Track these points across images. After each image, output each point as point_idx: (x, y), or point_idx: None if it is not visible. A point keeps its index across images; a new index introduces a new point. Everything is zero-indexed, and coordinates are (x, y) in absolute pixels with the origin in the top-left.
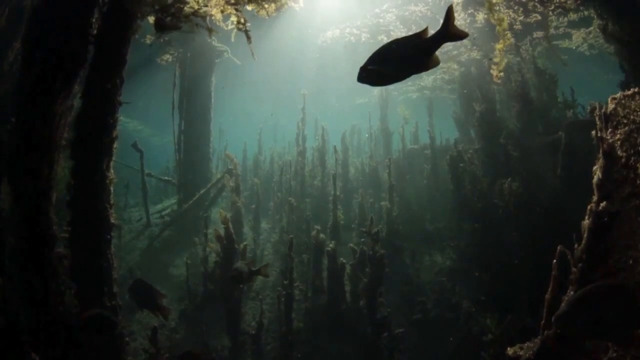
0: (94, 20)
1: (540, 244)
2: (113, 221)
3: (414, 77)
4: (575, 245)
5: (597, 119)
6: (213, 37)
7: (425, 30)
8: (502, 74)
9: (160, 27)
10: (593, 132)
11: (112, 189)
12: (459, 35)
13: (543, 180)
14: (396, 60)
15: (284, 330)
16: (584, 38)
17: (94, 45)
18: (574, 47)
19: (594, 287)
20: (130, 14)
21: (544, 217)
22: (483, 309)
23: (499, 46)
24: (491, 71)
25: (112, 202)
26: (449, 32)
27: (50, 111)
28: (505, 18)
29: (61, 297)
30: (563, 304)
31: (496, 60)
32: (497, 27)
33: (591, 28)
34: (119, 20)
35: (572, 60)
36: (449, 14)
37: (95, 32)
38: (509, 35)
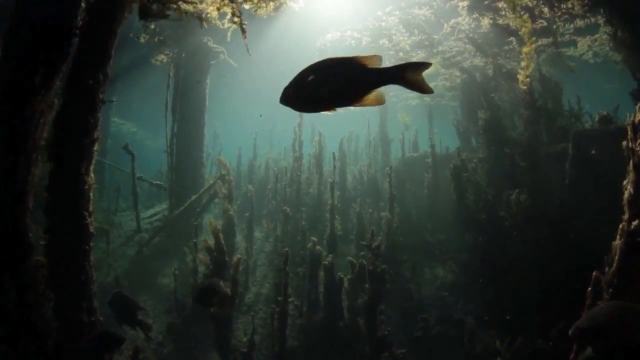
0: (79, 11)
1: (549, 258)
2: (93, 230)
3: None
4: (606, 269)
5: (628, 128)
6: (209, 38)
7: (374, 58)
8: (528, 79)
9: (145, 14)
10: (624, 143)
11: (91, 195)
12: (419, 87)
13: (550, 191)
14: (329, 86)
15: (277, 349)
16: (589, 46)
17: (78, 37)
18: (578, 55)
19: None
20: (117, 4)
21: (552, 229)
22: (488, 327)
23: (525, 49)
24: (518, 76)
25: (91, 209)
26: (406, 77)
27: (29, 109)
28: (529, 20)
29: (39, 311)
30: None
31: (523, 64)
32: (523, 29)
33: (597, 35)
34: (106, 11)
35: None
36: (423, 63)
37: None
38: (534, 38)
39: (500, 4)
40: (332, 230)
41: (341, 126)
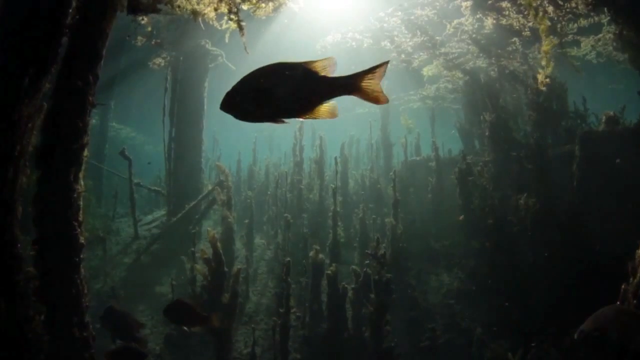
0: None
1: (559, 263)
2: (83, 241)
3: (416, 85)
4: (630, 279)
5: None
6: (207, 40)
7: (327, 64)
8: (548, 79)
9: (134, 8)
10: None
11: (81, 203)
12: (375, 98)
13: (559, 195)
14: (273, 96)
15: None
16: (592, 45)
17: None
18: (581, 55)
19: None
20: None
21: (562, 233)
22: (497, 336)
23: (544, 48)
24: (538, 76)
25: (81, 218)
26: (363, 87)
27: (17, 113)
28: (546, 18)
29: (30, 325)
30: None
31: (543, 63)
32: (541, 27)
33: (600, 35)
34: (95, 8)
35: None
36: (379, 67)
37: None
38: (552, 37)
39: (504, 4)
40: (334, 237)
41: (341, 130)
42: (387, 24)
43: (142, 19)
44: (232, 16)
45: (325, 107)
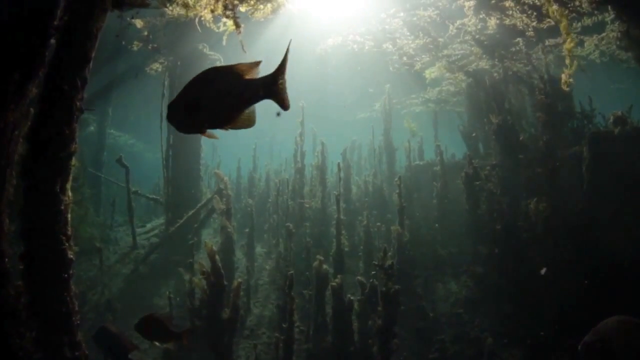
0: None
1: (572, 269)
2: (72, 256)
3: (418, 88)
4: None
5: None
6: (204, 45)
7: (252, 67)
8: (571, 79)
9: (119, 1)
10: None
11: (69, 216)
12: (282, 100)
13: (568, 197)
14: (208, 102)
15: None
16: (596, 45)
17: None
18: (585, 55)
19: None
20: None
21: (574, 238)
22: (508, 346)
23: (567, 46)
24: (562, 75)
25: (69, 232)
26: (279, 86)
27: (2, 120)
28: (565, 15)
29: (20, 342)
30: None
31: (566, 61)
32: (562, 25)
33: (604, 34)
34: (83, 7)
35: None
36: (284, 65)
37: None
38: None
39: (508, 3)
40: (338, 247)
41: (343, 136)
42: (389, 25)
43: (131, 17)
44: (228, 12)
45: (245, 114)
